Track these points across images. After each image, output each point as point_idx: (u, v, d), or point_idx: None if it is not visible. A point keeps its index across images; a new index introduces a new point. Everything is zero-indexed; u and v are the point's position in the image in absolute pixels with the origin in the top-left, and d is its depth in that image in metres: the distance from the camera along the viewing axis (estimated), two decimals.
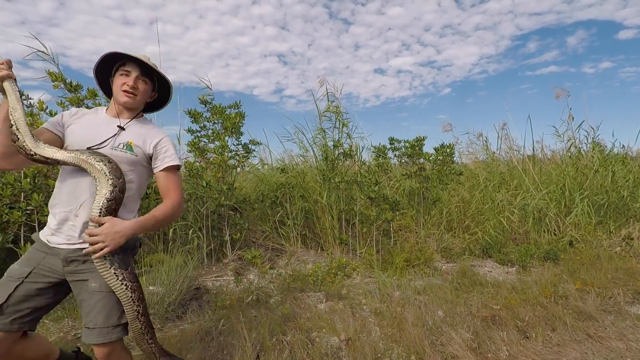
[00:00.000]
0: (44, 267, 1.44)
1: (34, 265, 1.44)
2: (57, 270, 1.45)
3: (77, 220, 1.44)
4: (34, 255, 1.47)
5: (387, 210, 4.04)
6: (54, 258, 1.45)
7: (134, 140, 1.54)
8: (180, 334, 2.47)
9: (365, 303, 3.15)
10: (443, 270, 4.15)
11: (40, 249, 1.47)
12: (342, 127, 5.48)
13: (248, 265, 4.23)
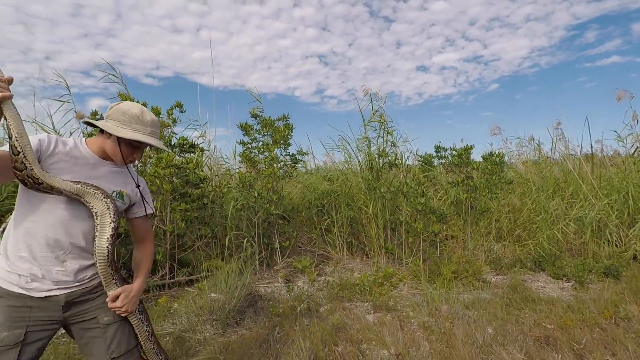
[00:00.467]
0: (37, 322, 1.33)
1: (24, 324, 1.30)
2: (54, 319, 1.37)
3: (66, 265, 1.36)
4: (14, 314, 1.30)
5: (434, 222, 4.05)
6: (45, 309, 1.34)
7: (126, 190, 1.53)
8: (240, 340, 2.69)
9: (413, 316, 3.21)
10: (492, 283, 4.08)
11: (19, 303, 1.31)
12: (387, 135, 5.53)
13: (297, 272, 4.42)
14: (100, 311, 1.45)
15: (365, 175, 5.13)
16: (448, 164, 5.24)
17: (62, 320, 1.41)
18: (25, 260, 1.32)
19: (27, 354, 1.29)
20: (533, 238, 4.91)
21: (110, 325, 1.46)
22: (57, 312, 1.37)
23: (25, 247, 1.32)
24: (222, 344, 2.60)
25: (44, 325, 1.35)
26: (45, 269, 1.33)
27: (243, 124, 4.87)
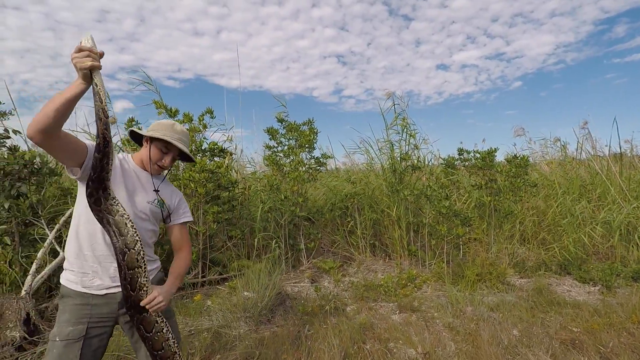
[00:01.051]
0: (97, 319, 1.48)
1: (86, 320, 1.45)
2: (111, 316, 1.51)
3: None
4: (78, 311, 1.46)
5: (458, 225, 4.10)
6: (103, 306, 1.49)
7: (167, 200, 1.68)
8: (272, 336, 2.84)
9: (438, 317, 3.29)
10: (516, 286, 4.11)
11: (81, 301, 1.47)
12: (410, 138, 5.60)
13: (322, 273, 4.56)
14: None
15: (388, 178, 5.22)
16: (471, 167, 5.27)
17: (116, 317, 1.53)
18: (88, 258, 1.47)
19: (88, 347, 1.45)
20: (558, 241, 4.89)
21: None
22: (113, 309, 1.50)
23: (88, 246, 1.47)
24: (256, 340, 2.76)
25: (102, 322, 1.49)
26: (104, 266, 1.48)
27: (270, 129, 5.05)
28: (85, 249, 1.47)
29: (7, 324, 2.35)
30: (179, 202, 1.75)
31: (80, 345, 1.42)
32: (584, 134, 7.77)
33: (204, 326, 2.95)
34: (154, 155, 1.62)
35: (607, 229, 4.86)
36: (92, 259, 1.47)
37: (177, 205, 1.73)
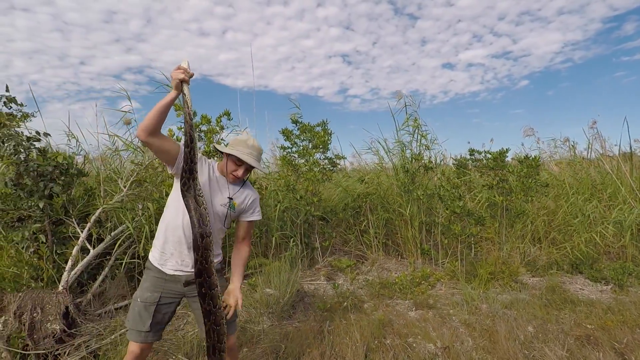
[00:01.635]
0: (168, 291, 1.86)
1: (160, 290, 1.84)
2: (178, 291, 1.88)
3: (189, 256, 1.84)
4: (156, 282, 1.85)
5: (472, 224, 4.19)
6: (173, 283, 1.85)
7: (238, 202, 1.95)
8: (296, 331, 2.95)
9: (454, 314, 3.38)
10: (529, 285, 4.18)
11: (158, 275, 1.85)
12: (421, 139, 5.68)
13: (336, 271, 4.66)
14: None
15: (400, 178, 5.31)
16: (482, 167, 5.34)
17: (183, 294, 1.90)
18: (169, 242, 1.84)
19: (159, 311, 1.84)
20: (569, 241, 4.94)
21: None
22: (180, 287, 1.86)
23: (172, 233, 1.84)
24: (281, 334, 2.87)
25: (171, 295, 1.87)
26: (177, 255, 1.84)
27: (284, 130, 5.15)
28: (169, 234, 1.84)
29: (48, 317, 2.48)
30: (252, 202, 2.02)
31: (154, 308, 1.82)
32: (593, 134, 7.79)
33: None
34: (230, 168, 1.91)
35: (618, 228, 4.91)
36: (172, 244, 1.84)
37: (249, 205, 2.01)
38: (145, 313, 1.82)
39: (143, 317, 1.81)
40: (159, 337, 1.89)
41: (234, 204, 1.94)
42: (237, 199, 1.96)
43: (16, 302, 2.45)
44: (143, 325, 1.80)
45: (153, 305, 1.83)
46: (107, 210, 3.44)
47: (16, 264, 2.78)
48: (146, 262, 1.95)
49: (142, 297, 1.85)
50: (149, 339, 1.83)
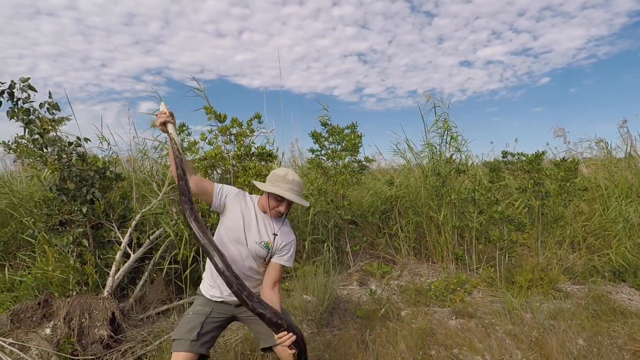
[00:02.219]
0: (218, 309, 1.95)
1: (212, 306, 1.94)
2: (229, 311, 1.97)
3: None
4: (207, 301, 1.95)
5: (511, 230, 4.06)
6: (222, 306, 1.95)
7: (272, 243, 1.93)
8: (336, 340, 2.90)
9: (496, 323, 3.27)
10: (569, 293, 4.03)
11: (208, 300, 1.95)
12: (452, 141, 5.56)
13: (368, 276, 4.60)
14: None
15: (431, 182, 5.20)
16: (517, 170, 5.19)
17: (234, 316, 2.00)
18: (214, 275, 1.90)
19: (208, 323, 1.89)
20: (608, 247, 4.75)
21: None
22: (229, 308, 1.96)
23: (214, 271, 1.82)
24: (322, 343, 2.83)
25: (221, 312, 1.96)
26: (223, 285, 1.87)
27: (314, 133, 5.11)
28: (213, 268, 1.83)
29: (95, 322, 2.50)
30: (286, 245, 1.98)
31: (203, 319, 1.89)
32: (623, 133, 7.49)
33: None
34: (272, 204, 1.94)
35: None
36: (216, 276, 1.84)
37: (282, 247, 1.96)
38: (194, 322, 1.87)
39: (192, 326, 1.86)
40: (205, 350, 1.86)
41: (268, 243, 1.93)
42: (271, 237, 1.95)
43: (65, 308, 2.48)
44: (191, 334, 1.83)
45: (203, 317, 1.90)
46: (145, 214, 3.46)
47: (63, 268, 2.81)
48: (197, 290, 2.07)
49: (193, 310, 1.95)
50: (195, 348, 1.81)
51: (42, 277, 2.83)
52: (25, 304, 2.52)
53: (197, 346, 1.82)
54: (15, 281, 3.23)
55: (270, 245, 1.93)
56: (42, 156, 3.30)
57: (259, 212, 1.99)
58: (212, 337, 1.93)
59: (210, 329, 1.90)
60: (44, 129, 3.31)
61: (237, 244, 1.92)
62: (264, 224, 1.96)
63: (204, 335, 1.87)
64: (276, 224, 2.00)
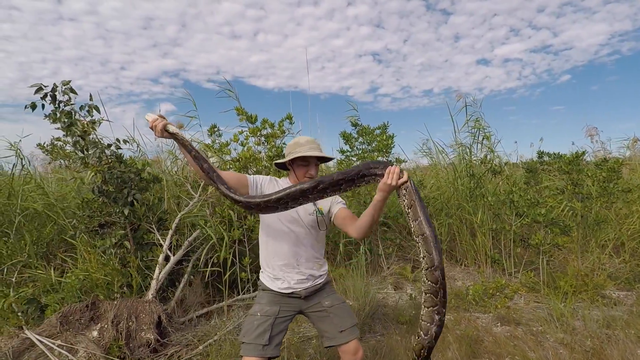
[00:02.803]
0: (286, 306, 1.94)
1: (279, 305, 1.92)
2: (296, 306, 1.97)
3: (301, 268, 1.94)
4: (273, 298, 1.94)
5: (556, 234, 3.90)
6: (289, 299, 1.94)
7: (323, 206, 1.99)
8: (380, 346, 2.82)
9: (546, 332, 3.13)
10: (615, 299, 3.85)
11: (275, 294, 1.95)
12: (484, 140, 5.41)
13: (402, 279, 4.50)
14: (322, 298, 1.98)
15: (465, 183, 5.06)
16: (555, 170, 5.00)
17: (300, 310, 1.98)
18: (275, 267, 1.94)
19: (278, 324, 1.88)
20: None
21: (332, 307, 1.96)
22: (297, 302, 1.96)
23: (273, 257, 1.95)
24: (369, 349, 2.75)
25: (289, 309, 1.95)
26: (287, 274, 1.93)
27: (344, 133, 5.05)
28: (271, 259, 1.96)
29: (142, 326, 2.48)
30: (331, 200, 2.01)
31: (272, 321, 1.87)
32: None
33: (311, 333, 2.98)
34: (300, 173, 1.96)
35: None
36: (278, 267, 1.94)
37: (331, 202, 2.01)
38: (264, 326, 1.85)
39: (262, 330, 1.83)
40: (277, 352, 1.86)
41: (320, 208, 1.98)
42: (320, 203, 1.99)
43: (113, 311, 2.47)
44: (262, 338, 1.81)
45: (272, 318, 1.88)
46: (183, 217, 3.44)
47: (107, 271, 2.81)
48: (258, 283, 2.07)
49: (261, 311, 1.91)
50: (268, 352, 1.80)
51: (86, 279, 2.83)
52: (73, 306, 2.52)
53: (270, 350, 1.81)
54: (55, 281, 3.26)
55: (322, 209, 1.97)
56: (82, 158, 3.32)
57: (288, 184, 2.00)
58: (282, 337, 1.93)
59: (280, 329, 1.89)
60: (84, 131, 3.33)
61: (293, 225, 1.93)
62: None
63: (275, 337, 1.85)
64: None
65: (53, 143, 5.09)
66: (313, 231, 1.96)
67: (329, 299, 1.98)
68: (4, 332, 2.74)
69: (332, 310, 1.95)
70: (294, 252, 1.93)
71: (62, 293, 2.82)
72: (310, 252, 1.97)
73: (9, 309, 2.70)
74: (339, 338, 1.88)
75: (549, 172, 5.33)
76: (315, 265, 1.99)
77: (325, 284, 2.05)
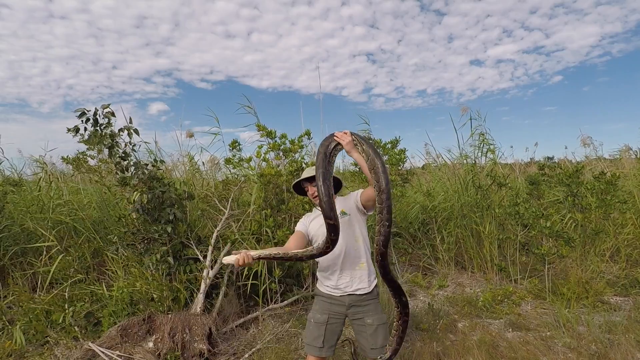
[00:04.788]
0: (334, 313, 2.21)
1: (328, 312, 2.21)
2: (342, 313, 2.22)
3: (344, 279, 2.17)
4: (324, 305, 2.23)
5: (561, 245, 4.21)
6: (338, 306, 2.20)
7: (344, 208, 2.20)
8: (408, 352, 3.09)
9: (554, 337, 3.43)
10: (613, 304, 4.17)
11: (327, 300, 2.23)
12: (488, 152, 5.72)
13: (415, 287, 4.78)
14: (367, 315, 2.18)
15: (471, 194, 5.36)
16: (555, 183, 5.33)
17: (346, 315, 2.22)
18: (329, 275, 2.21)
19: (328, 331, 2.18)
20: None
21: (372, 326, 2.16)
22: (343, 309, 2.20)
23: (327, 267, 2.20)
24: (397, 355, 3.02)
25: (337, 316, 2.21)
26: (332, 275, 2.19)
27: None
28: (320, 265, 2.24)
29: (194, 337, 2.72)
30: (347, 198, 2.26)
31: (324, 328, 2.17)
32: None
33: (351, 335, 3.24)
34: (310, 196, 2.28)
35: None
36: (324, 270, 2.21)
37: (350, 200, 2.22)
38: (317, 331, 2.18)
39: (317, 335, 2.17)
40: (332, 352, 2.22)
41: (342, 211, 2.17)
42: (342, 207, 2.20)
43: (169, 324, 2.70)
44: (316, 342, 2.17)
45: (323, 325, 2.19)
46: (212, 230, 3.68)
47: (156, 285, 3.04)
48: (314, 290, 2.37)
49: (314, 318, 2.23)
50: (323, 353, 2.17)
51: (137, 293, 3.06)
52: (132, 319, 2.75)
53: (324, 351, 2.18)
54: (98, 294, 3.47)
55: (344, 211, 2.18)
56: (123, 178, 3.54)
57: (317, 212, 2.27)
58: (336, 339, 2.24)
59: (332, 333, 2.20)
60: (124, 152, 3.55)
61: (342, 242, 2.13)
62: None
63: (328, 340, 2.19)
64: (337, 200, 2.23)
65: (78, 157, 5.27)
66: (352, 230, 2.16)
67: (371, 318, 2.16)
68: (61, 344, 2.95)
69: (371, 328, 2.15)
70: (336, 256, 2.14)
71: (112, 306, 3.04)
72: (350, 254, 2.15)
73: (66, 322, 2.92)
74: (369, 353, 2.16)
75: (549, 182, 5.65)
76: (357, 266, 2.17)
77: (372, 299, 2.21)
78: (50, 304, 3.15)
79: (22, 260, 4.31)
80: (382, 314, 2.23)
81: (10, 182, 5.11)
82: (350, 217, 2.18)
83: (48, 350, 3.00)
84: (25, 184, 5.55)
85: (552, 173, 5.40)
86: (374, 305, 2.22)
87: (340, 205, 2.19)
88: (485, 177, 5.30)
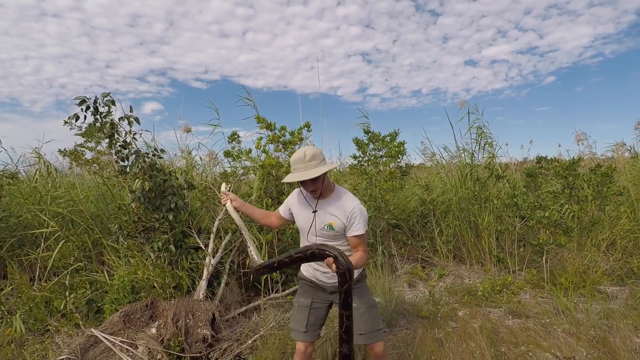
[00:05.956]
0: (318, 297, 2.17)
1: (311, 296, 2.17)
2: (326, 297, 2.17)
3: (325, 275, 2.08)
4: (307, 289, 2.19)
5: (559, 235, 4.26)
6: (321, 290, 2.16)
7: (334, 222, 1.96)
8: (412, 339, 3.11)
9: (553, 323, 3.47)
10: (610, 293, 4.23)
11: (309, 283, 2.18)
12: (487, 147, 5.76)
13: (415, 278, 4.80)
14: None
15: (469, 187, 5.40)
16: (554, 175, 5.38)
17: (330, 300, 2.17)
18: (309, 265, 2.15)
19: (313, 314, 2.15)
20: None
21: (358, 309, 2.02)
22: (327, 294, 2.15)
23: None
24: (399, 341, 3.04)
25: (320, 299, 2.17)
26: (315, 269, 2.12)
27: (357, 140, 5.34)
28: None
29: (198, 323, 2.71)
30: (351, 217, 1.93)
31: (307, 312, 2.14)
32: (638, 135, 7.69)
33: None
34: (304, 190, 2.06)
35: None
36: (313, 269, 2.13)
37: (349, 221, 1.94)
38: (301, 316, 2.15)
39: (300, 319, 2.14)
40: (316, 336, 2.19)
41: (330, 224, 1.97)
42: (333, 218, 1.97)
43: (172, 309, 2.69)
44: (300, 325, 2.14)
45: (307, 309, 2.15)
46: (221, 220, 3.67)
47: (159, 273, 3.02)
48: (298, 274, 2.29)
49: (298, 302, 2.22)
50: (308, 338, 2.14)
51: (138, 281, 3.04)
52: (134, 305, 2.73)
53: (309, 336, 2.14)
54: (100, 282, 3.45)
55: (332, 225, 1.96)
56: (124, 167, 3.52)
57: (309, 197, 2.05)
58: (320, 323, 2.20)
59: (315, 318, 2.16)
60: (124, 141, 3.53)
61: (311, 236, 2.05)
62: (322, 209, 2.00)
63: (312, 325, 2.15)
64: (331, 200, 2.01)
65: (76, 149, 5.23)
66: (330, 240, 2.02)
67: (357, 302, 2.00)
68: (62, 332, 2.93)
69: (357, 312, 1.97)
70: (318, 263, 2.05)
71: (114, 294, 3.02)
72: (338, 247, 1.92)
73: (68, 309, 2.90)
74: (356, 338, 1.94)
75: (546, 175, 5.71)
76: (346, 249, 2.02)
77: (356, 286, 2.04)
78: (50, 291, 3.12)
79: (19, 252, 4.27)
80: (370, 297, 2.14)
81: (7, 174, 5.05)
82: (337, 235, 2.01)
83: (49, 338, 2.97)
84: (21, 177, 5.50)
85: (548, 166, 5.45)
86: (360, 290, 2.10)
87: (332, 218, 1.98)
88: (484, 169, 5.34)
